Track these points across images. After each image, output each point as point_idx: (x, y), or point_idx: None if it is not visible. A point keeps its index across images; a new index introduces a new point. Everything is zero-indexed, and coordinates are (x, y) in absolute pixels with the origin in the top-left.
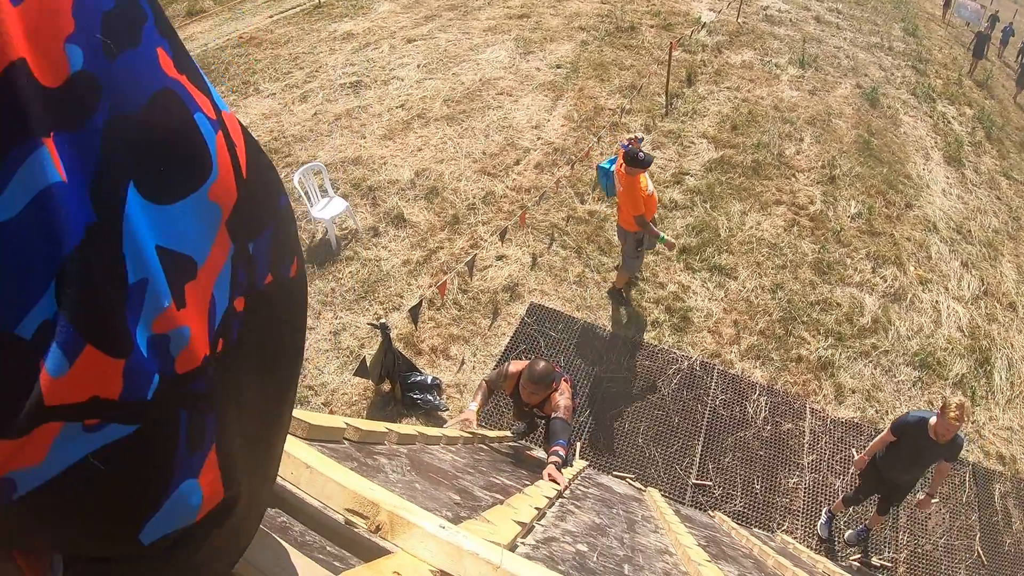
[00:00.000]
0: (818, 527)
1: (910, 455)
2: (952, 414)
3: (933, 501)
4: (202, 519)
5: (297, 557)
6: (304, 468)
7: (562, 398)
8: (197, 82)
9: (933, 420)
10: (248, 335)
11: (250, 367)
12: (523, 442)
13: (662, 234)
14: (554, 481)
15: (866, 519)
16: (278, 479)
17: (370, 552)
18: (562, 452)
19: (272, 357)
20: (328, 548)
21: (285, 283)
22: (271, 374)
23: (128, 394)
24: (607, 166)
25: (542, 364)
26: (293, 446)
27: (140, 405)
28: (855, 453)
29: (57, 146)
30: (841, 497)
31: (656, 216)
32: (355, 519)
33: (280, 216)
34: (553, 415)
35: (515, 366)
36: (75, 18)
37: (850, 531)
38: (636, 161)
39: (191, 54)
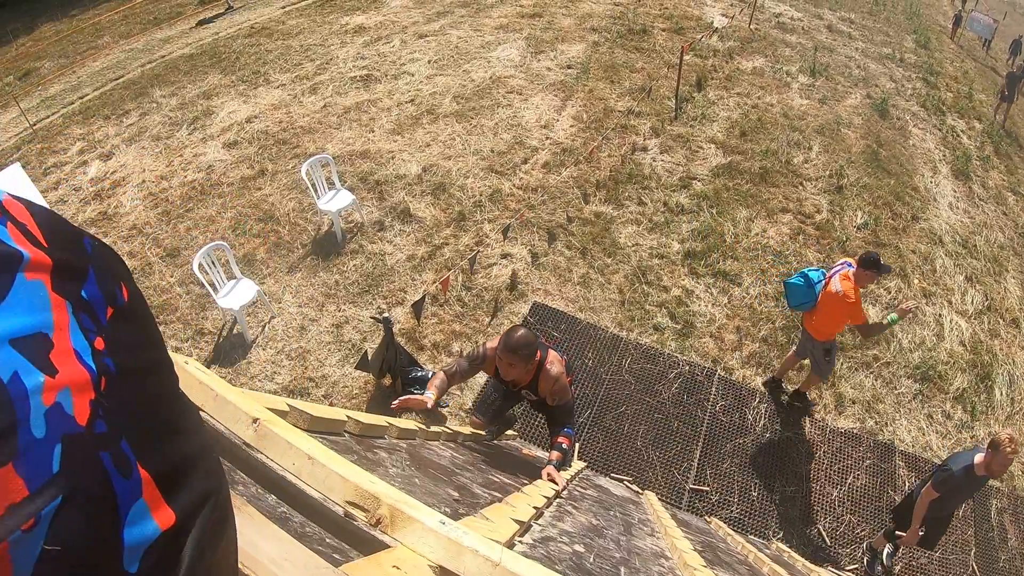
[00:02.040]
0: (879, 561)
1: (958, 498)
2: (1008, 448)
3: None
4: (167, 529)
5: (298, 548)
6: (306, 459)
7: (554, 369)
8: None
9: (979, 458)
10: (120, 362)
11: (133, 385)
12: (519, 441)
13: (892, 315)
14: (552, 481)
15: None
16: (280, 470)
17: (370, 545)
18: (566, 444)
19: (145, 368)
20: (328, 540)
21: (124, 310)
22: (150, 378)
23: (34, 484)
24: (815, 276)
25: (520, 331)
26: (295, 437)
27: (53, 480)
28: (898, 498)
29: None
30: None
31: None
32: (356, 512)
33: (94, 257)
34: (550, 400)
35: (493, 342)
36: None
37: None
38: (879, 266)
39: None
